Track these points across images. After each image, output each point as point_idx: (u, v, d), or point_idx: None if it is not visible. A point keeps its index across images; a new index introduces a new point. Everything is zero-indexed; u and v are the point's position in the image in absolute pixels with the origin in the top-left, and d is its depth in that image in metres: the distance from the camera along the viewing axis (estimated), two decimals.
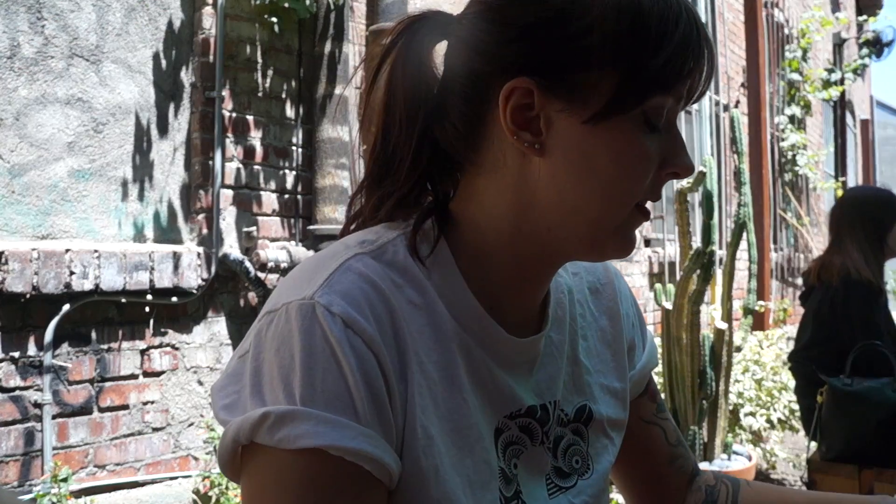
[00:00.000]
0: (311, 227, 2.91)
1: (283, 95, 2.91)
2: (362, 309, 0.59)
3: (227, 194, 2.71)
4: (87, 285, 2.25)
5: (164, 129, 2.63)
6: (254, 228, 2.76)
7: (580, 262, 0.80)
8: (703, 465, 3.38)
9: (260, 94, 2.83)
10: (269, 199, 2.85)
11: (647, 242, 5.05)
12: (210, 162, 2.66)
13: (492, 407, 0.66)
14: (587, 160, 0.61)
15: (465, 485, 0.62)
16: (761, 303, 5.48)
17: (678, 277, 3.36)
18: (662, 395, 4.10)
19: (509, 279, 0.68)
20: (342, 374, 0.56)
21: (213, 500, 2.42)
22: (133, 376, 2.44)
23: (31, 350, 2.20)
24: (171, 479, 2.50)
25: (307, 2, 2.79)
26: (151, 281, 2.41)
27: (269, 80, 2.86)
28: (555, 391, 0.72)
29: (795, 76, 7.30)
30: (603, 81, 0.60)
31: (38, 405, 2.20)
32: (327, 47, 2.94)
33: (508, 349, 0.67)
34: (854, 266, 2.31)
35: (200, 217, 2.66)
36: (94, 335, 2.35)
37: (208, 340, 2.64)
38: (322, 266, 0.62)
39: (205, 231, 2.65)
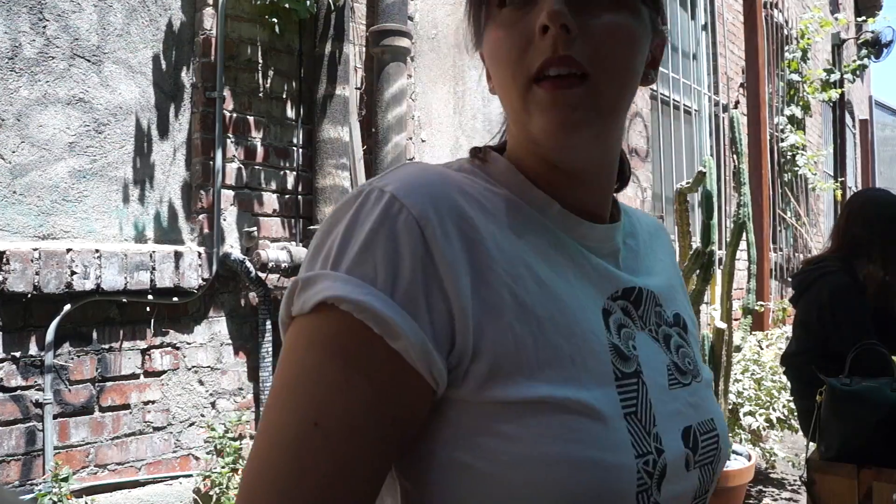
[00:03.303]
0: (312, 227, 2.91)
1: (284, 96, 2.92)
2: (415, 188, 0.58)
3: (227, 194, 2.71)
4: (88, 285, 2.26)
5: (164, 130, 2.63)
6: (254, 228, 2.76)
7: (633, 211, 0.80)
8: None
9: (260, 95, 2.83)
10: (270, 200, 2.86)
11: None
12: (211, 162, 2.66)
13: (594, 285, 0.64)
14: (488, 63, 0.67)
15: (574, 353, 0.58)
16: (761, 303, 5.48)
17: None
18: None
19: (556, 186, 0.67)
20: (374, 244, 0.55)
21: (214, 499, 2.42)
22: (134, 376, 2.44)
23: (33, 350, 2.21)
24: (172, 478, 2.50)
25: (308, 2, 2.80)
26: (152, 281, 2.42)
27: (269, 81, 2.87)
28: (648, 284, 0.70)
29: (795, 77, 7.31)
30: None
31: (39, 405, 2.20)
32: (328, 48, 2.94)
33: (588, 233, 0.67)
34: (846, 277, 2.31)
35: (201, 217, 2.66)
36: (95, 335, 2.35)
37: (209, 340, 2.65)
38: (406, 172, 0.62)
39: (205, 231, 2.66)
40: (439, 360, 0.54)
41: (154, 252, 2.44)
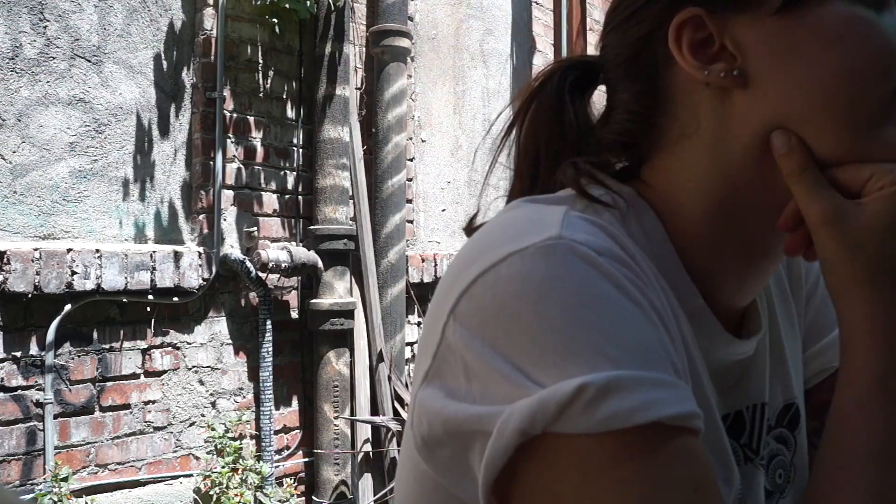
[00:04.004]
0: (312, 227, 2.92)
1: (284, 96, 2.92)
2: (614, 246, 0.47)
3: (227, 194, 2.72)
4: (89, 285, 2.26)
5: (165, 130, 2.63)
6: (254, 228, 2.76)
7: None
8: None
9: (261, 95, 2.83)
10: (270, 200, 2.86)
11: None
12: (211, 162, 2.67)
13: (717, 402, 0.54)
14: (799, 60, 0.48)
15: (726, 467, 0.52)
16: None
17: None
18: None
19: (714, 261, 0.54)
20: (642, 316, 0.44)
21: (214, 499, 2.42)
22: (134, 376, 2.45)
23: (33, 350, 2.21)
24: (173, 478, 2.51)
25: (308, 2, 2.80)
26: (153, 281, 2.42)
27: (269, 81, 2.87)
28: (759, 394, 0.59)
29: None
30: None
31: (39, 404, 2.21)
32: (328, 48, 2.94)
33: (722, 348, 0.55)
34: None
35: (201, 217, 2.66)
36: (95, 335, 2.35)
37: (209, 340, 2.65)
38: (533, 220, 0.48)
39: (206, 231, 2.66)
40: None
41: (154, 252, 2.44)
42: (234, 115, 2.75)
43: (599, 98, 0.60)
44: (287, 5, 2.76)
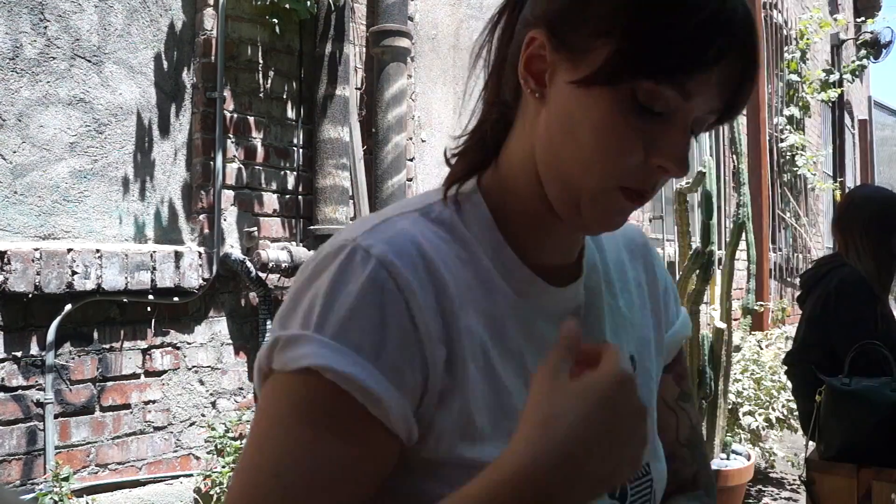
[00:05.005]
0: (312, 227, 2.92)
1: (284, 96, 2.92)
2: (401, 255, 0.59)
3: (228, 194, 2.72)
4: (89, 285, 2.26)
5: (165, 130, 2.63)
6: (255, 228, 2.76)
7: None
8: None
9: (261, 95, 2.84)
10: (270, 200, 2.86)
11: None
12: (211, 162, 2.67)
13: (540, 356, 0.65)
14: (569, 122, 0.61)
15: (512, 427, 0.60)
16: (760, 303, 5.49)
17: (677, 277, 3.37)
18: None
19: (536, 224, 0.68)
20: (360, 312, 0.57)
21: (214, 499, 2.42)
22: (135, 376, 2.45)
23: (34, 350, 2.21)
24: (173, 478, 2.51)
25: (308, 2, 2.80)
26: (153, 281, 2.42)
27: (269, 81, 2.87)
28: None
29: (794, 77, 7.31)
30: (600, 48, 0.58)
31: (40, 404, 2.21)
32: (328, 48, 2.95)
33: (551, 300, 0.68)
34: (856, 271, 2.30)
35: (201, 217, 2.67)
36: (95, 335, 2.36)
37: (209, 340, 2.65)
38: (371, 220, 0.64)
39: (206, 231, 2.66)
40: (415, 423, 0.58)
41: (154, 252, 2.45)
42: (235, 115, 2.75)
43: None
44: (287, 5, 2.76)
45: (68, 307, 2.24)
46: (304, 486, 0.55)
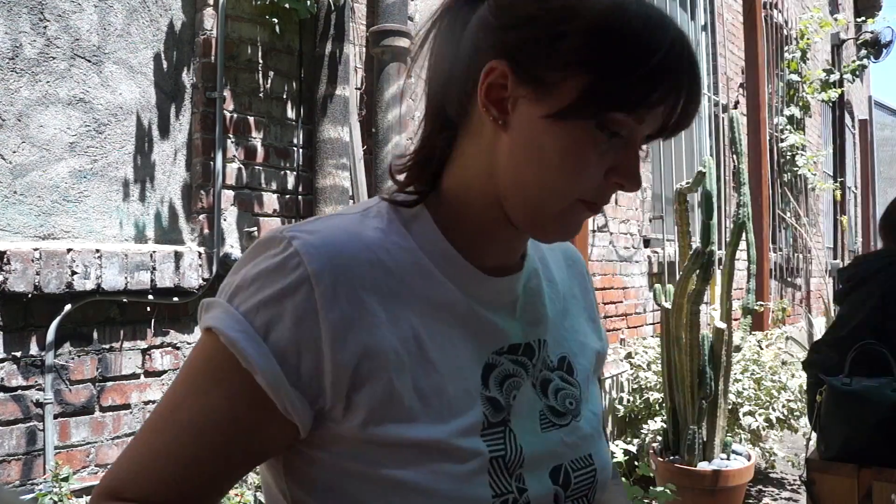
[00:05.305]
0: None
1: (284, 96, 2.92)
2: (321, 248, 0.65)
3: (228, 194, 2.72)
4: (89, 285, 2.26)
5: (165, 130, 2.63)
6: (255, 229, 2.76)
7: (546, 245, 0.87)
8: (703, 465, 3.39)
9: (261, 95, 2.84)
10: (270, 200, 2.86)
11: (647, 242, 5.06)
12: (211, 162, 2.67)
13: (478, 342, 0.71)
14: (538, 150, 0.65)
15: (444, 408, 0.67)
16: (760, 303, 5.49)
17: (678, 277, 3.37)
18: (661, 395, 4.09)
19: (483, 231, 0.72)
20: (262, 292, 0.64)
21: None
22: (134, 376, 2.45)
23: (33, 350, 2.21)
24: None
25: (308, 2, 2.80)
26: (153, 281, 2.42)
27: (269, 81, 2.87)
28: (541, 332, 0.77)
29: (794, 77, 7.31)
30: (569, 84, 0.63)
31: (39, 404, 2.21)
32: (328, 48, 2.94)
33: (487, 289, 0.72)
34: None
35: (201, 217, 2.66)
36: (95, 335, 2.35)
37: None
38: (311, 219, 0.71)
39: (206, 231, 2.66)
40: (298, 400, 0.64)
41: (154, 252, 2.45)
42: (234, 115, 2.75)
43: None
44: (287, 5, 2.76)
45: (68, 307, 2.24)
46: (191, 431, 0.64)
